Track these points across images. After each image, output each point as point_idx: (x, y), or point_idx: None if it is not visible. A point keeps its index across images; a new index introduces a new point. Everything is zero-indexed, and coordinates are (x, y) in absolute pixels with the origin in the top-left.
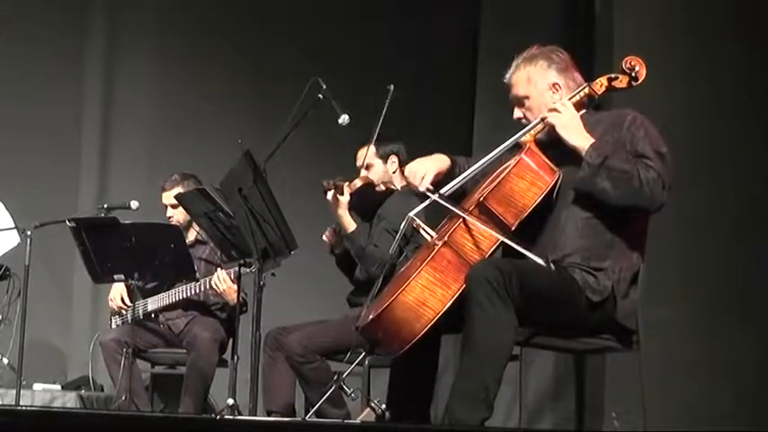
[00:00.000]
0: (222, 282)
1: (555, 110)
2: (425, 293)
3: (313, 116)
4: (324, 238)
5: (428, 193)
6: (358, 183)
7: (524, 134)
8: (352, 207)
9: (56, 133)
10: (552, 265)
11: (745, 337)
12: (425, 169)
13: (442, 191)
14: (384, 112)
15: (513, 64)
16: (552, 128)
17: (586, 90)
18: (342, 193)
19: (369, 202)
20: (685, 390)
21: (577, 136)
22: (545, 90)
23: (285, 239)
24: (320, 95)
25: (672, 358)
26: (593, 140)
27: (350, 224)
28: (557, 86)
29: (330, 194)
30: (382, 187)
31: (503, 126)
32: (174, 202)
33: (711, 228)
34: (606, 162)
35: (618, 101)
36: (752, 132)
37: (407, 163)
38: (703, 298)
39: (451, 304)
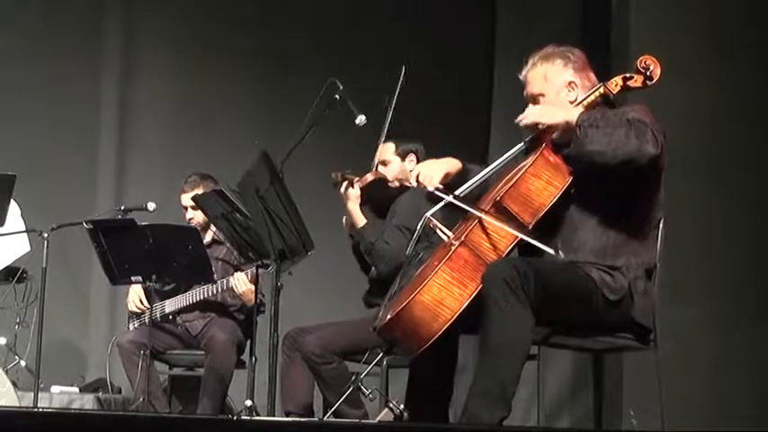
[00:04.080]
0: (241, 284)
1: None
2: (443, 293)
3: (330, 117)
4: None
5: (439, 194)
6: (369, 177)
7: (517, 151)
8: (366, 203)
9: (73, 135)
10: (561, 254)
11: (764, 335)
12: (434, 170)
13: (456, 192)
14: (396, 94)
15: (530, 61)
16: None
17: (601, 90)
18: (352, 187)
19: (382, 198)
20: (704, 388)
21: (566, 110)
22: (561, 89)
23: (302, 240)
24: (337, 96)
25: (690, 357)
26: (581, 110)
27: (360, 219)
28: (573, 85)
29: (342, 187)
30: (396, 183)
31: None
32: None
33: (730, 226)
34: (596, 123)
35: (634, 100)
36: None
37: None
38: (721, 297)
39: (469, 304)
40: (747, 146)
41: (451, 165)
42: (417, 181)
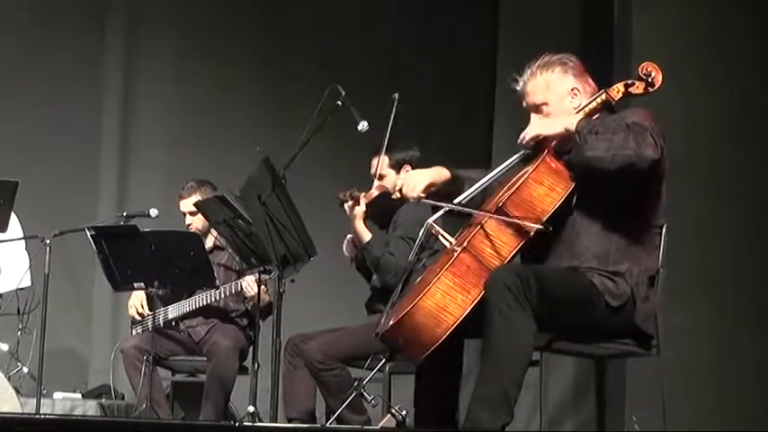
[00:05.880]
0: (252, 286)
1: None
2: (445, 299)
3: (332, 123)
4: (345, 251)
5: (428, 201)
6: (375, 193)
7: (512, 162)
8: (369, 216)
9: (75, 140)
10: (550, 227)
11: (765, 339)
12: (417, 179)
13: (458, 199)
14: (391, 122)
15: (527, 72)
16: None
17: (603, 96)
18: (358, 204)
19: (384, 210)
20: (706, 394)
21: (565, 119)
22: (564, 96)
23: (305, 246)
24: (339, 102)
25: (692, 362)
26: (580, 117)
27: (365, 234)
28: (576, 91)
29: (347, 206)
30: (397, 194)
31: (522, 131)
32: (193, 209)
33: (731, 232)
34: (595, 129)
35: (634, 103)
36: None
37: None
38: (723, 302)
39: (472, 309)
40: (747, 147)
41: (437, 173)
42: (400, 192)
